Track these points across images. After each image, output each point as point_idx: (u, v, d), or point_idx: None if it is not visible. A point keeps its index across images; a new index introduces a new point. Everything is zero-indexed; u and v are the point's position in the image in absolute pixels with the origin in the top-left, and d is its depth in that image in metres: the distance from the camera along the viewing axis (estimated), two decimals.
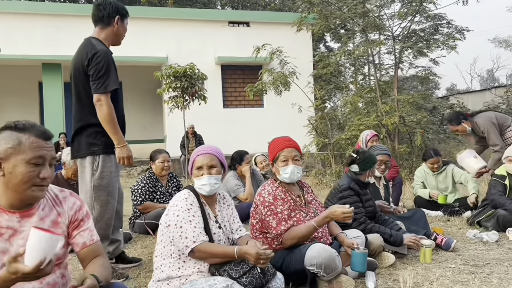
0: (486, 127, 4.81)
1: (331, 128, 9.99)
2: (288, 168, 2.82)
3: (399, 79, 12.17)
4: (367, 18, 8.33)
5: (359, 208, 3.34)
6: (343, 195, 3.40)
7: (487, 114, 4.97)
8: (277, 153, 2.88)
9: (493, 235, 3.88)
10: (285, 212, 2.76)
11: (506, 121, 4.91)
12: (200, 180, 2.44)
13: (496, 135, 4.76)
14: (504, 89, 13.47)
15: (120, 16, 3.06)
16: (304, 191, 2.99)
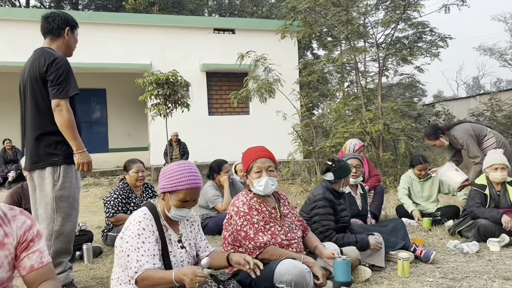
0: (465, 140, 4.77)
1: (316, 136, 9.93)
2: (262, 180, 2.70)
3: (385, 86, 12.20)
4: (350, 25, 8.30)
5: (328, 221, 3.24)
6: (316, 206, 3.32)
7: (463, 126, 4.94)
8: (250, 163, 2.75)
9: (474, 246, 3.81)
10: (260, 223, 2.65)
11: (482, 131, 4.90)
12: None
13: (476, 147, 4.73)
14: (488, 96, 13.55)
15: (70, 28, 3.03)
16: (280, 203, 2.87)
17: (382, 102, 9.06)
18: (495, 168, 4.34)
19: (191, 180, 2.23)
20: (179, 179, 2.22)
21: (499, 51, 33.30)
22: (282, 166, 10.24)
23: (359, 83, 9.34)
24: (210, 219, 4.98)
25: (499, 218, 4.07)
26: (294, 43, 10.17)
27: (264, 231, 2.62)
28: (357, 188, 4.21)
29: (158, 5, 17.06)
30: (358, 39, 9.00)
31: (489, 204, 4.33)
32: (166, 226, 2.33)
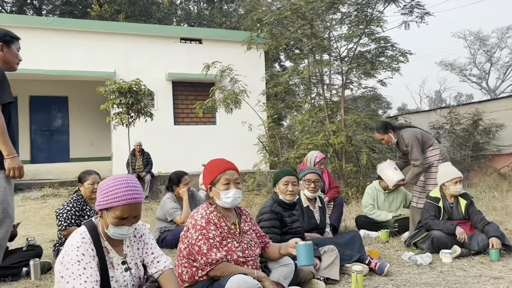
0: (410, 142, 4.80)
1: (281, 147, 10.00)
2: (230, 192, 2.64)
3: (349, 99, 12.44)
4: (314, 39, 8.43)
5: (273, 234, 3.23)
6: (262, 219, 3.32)
7: (413, 129, 5.00)
8: (217, 175, 2.68)
9: (427, 258, 3.89)
10: (217, 239, 2.58)
11: (429, 140, 4.95)
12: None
13: (418, 150, 4.77)
14: (448, 109, 14.02)
15: (4, 43, 2.96)
16: (241, 219, 2.82)
17: (346, 115, 9.22)
18: (455, 182, 4.48)
19: (128, 195, 2.09)
20: (114, 194, 2.09)
21: (459, 66, 34.75)
22: (247, 176, 10.24)
23: (324, 96, 9.47)
24: (168, 232, 4.87)
25: (453, 230, 4.18)
26: (260, 54, 10.23)
27: (219, 247, 2.56)
28: (315, 202, 4.22)
29: (125, 13, 16.82)
30: (323, 53, 9.14)
31: (443, 216, 4.44)
32: (108, 248, 2.20)
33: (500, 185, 10.96)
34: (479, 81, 34.71)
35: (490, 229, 4.17)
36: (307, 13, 8.28)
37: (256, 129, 9.75)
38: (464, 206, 4.50)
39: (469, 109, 13.41)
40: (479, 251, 4.10)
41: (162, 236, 4.93)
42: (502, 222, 5.99)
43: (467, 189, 10.48)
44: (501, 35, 32.50)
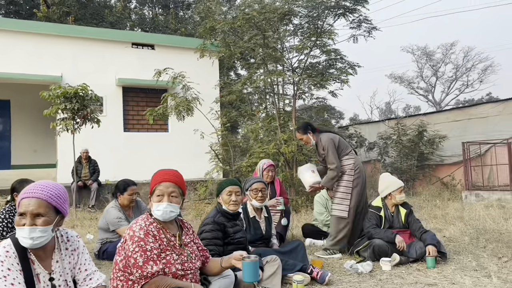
0: (327, 146, 4.82)
1: (235, 155, 9.98)
2: (161, 205, 2.57)
3: (301, 108, 12.66)
4: (266, 49, 8.52)
5: (214, 246, 3.20)
6: (204, 230, 3.27)
7: (332, 134, 5.00)
8: (153, 186, 2.64)
9: (367, 266, 3.98)
10: (154, 251, 2.50)
11: (346, 149, 4.94)
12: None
13: (334, 155, 4.77)
14: (396, 121, 14.58)
15: None
16: (183, 232, 2.75)
17: (296, 124, 9.36)
18: (400, 191, 4.65)
19: (27, 190, 2.07)
20: (20, 194, 2.10)
21: (408, 79, 36.39)
22: (199, 185, 10.13)
23: (276, 105, 9.57)
24: (110, 244, 4.69)
25: (393, 238, 4.31)
26: (213, 62, 10.19)
27: (156, 260, 2.48)
28: (261, 212, 4.22)
29: (74, 15, 16.27)
30: (275, 63, 9.25)
31: (384, 225, 4.58)
32: (33, 259, 2.07)
33: (442, 194, 11.50)
34: (426, 93, 36.50)
35: (427, 237, 4.34)
36: (260, 23, 8.36)
37: (208, 137, 9.67)
38: (404, 215, 4.66)
39: (415, 120, 14.03)
40: (417, 259, 4.25)
41: (103, 248, 4.74)
42: (441, 230, 6.27)
43: (412, 198, 10.94)
44: (446, 51, 34.45)
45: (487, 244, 5.11)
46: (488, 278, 3.59)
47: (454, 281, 3.59)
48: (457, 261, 4.26)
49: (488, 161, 12.19)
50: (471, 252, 4.67)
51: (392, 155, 14.00)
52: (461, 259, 4.36)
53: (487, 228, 6.12)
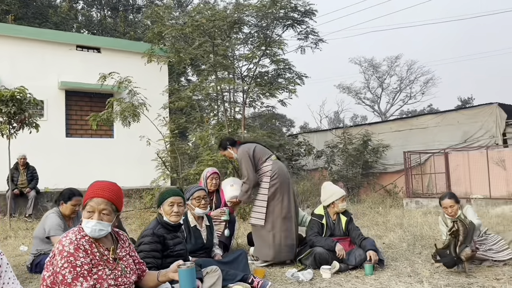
0: (240, 158, 4.73)
1: (182, 163, 9.83)
2: (90, 222, 2.45)
3: (252, 116, 12.74)
4: (215, 56, 8.51)
5: (152, 258, 3.12)
6: (142, 242, 3.18)
7: (247, 145, 4.87)
8: (85, 200, 2.52)
9: (308, 274, 4.03)
10: (85, 267, 2.38)
11: (264, 155, 4.78)
12: None
13: (247, 167, 4.64)
14: (342, 130, 15.04)
15: None
16: (118, 245, 2.65)
17: (247, 132, 9.40)
18: (343, 200, 4.75)
19: None
20: None
21: (355, 90, 37.73)
22: (145, 193, 9.89)
23: (225, 113, 9.56)
24: (44, 256, 4.42)
25: (333, 246, 4.41)
26: (161, 68, 10.02)
27: (86, 276, 2.36)
28: (203, 221, 4.16)
29: (14, 14, 15.43)
30: (224, 70, 9.26)
31: (326, 233, 4.67)
32: None
33: (385, 201, 11.95)
34: (372, 104, 37.99)
35: (367, 243, 4.48)
36: (209, 31, 8.34)
37: (155, 144, 9.47)
38: (344, 223, 4.78)
39: (360, 130, 14.54)
40: (356, 266, 4.36)
41: (36, 260, 4.47)
42: (382, 236, 6.50)
43: (356, 205, 11.28)
44: (391, 63, 36.11)
45: (423, 250, 5.35)
46: (420, 283, 3.75)
47: (389, 287, 3.72)
48: (394, 268, 4.42)
49: (428, 170, 12.86)
50: (407, 258, 4.86)
51: (338, 163, 14.40)
52: (398, 265, 4.53)
53: (424, 235, 6.42)
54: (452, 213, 4.65)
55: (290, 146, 14.75)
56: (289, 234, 4.60)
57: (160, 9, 8.86)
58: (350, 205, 11.22)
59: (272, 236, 4.56)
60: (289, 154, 14.69)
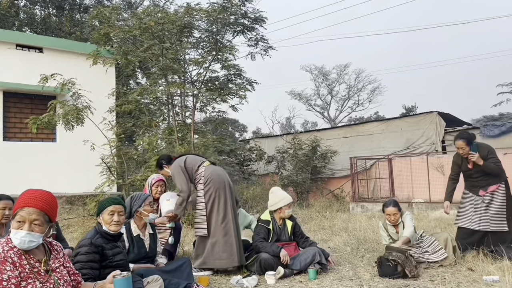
0: (173, 173, 4.68)
1: (128, 168, 9.54)
2: (19, 233, 2.32)
3: (201, 121, 12.63)
4: (164, 60, 8.37)
5: (89, 269, 3.01)
6: (79, 252, 3.05)
7: (179, 159, 4.80)
8: (15, 210, 2.39)
9: (252, 281, 4.03)
10: (12, 281, 2.23)
11: (196, 163, 4.73)
12: None
13: (181, 179, 4.57)
14: (292, 136, 15.27)
15: None
16: (51, 256, 2.50)
17: (198, 137, 9.31)
18: (290, 205, 4.80)
19: None
20: None
21: (306, 97, 38.52)
22: (89, 200, 9.51)
23: (174, 117, 9.41)
24: None
25: (278, 252, 4.44)
26: (106, 70, 9.69)
27: None
28: (146, 229, 4.05)
29: None
30: (173, 74, 9.12)
31: (272, 238, 4.70)
32: None
33: (332, 206, 12.26)
34: (322, 110, 38.94)
35: (311, 248, 4.57)
36: (158, 34, 8.19)
37: (100, 149, 9.13)
38: (290, 227, 4.85)
39: (309, 136, 14.84)
40: (300, 271, 4.42)
41: None
42: (327, 240, 6.65)
43: (305, 210, 11.47)
44: (340, 71, 37.25)
45: (365, 253, 5.53)
46: (361, 287, 3.86)
47: None
48: (337, 272, 4.52)
49: (373, 175, 13.34)
50: (350, 262, 5.00)
51: (288, 168, 14.61)
52: (341, 269, 4.64)
53: (367, 238, 6.64)
54: (394, 220, 4.85)
55: (242, 151, 14.80)
56: (229, 240, 4.47)
57: (106, 10, 8.58)
58: (299, 209, 11.41)
59: (211, 244, 4.47)
60: (240, 159, 14.73)
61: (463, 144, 4.80)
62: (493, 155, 4.83)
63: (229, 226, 4.51)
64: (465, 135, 4.87)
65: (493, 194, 4.85)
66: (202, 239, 4.56)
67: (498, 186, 4.85)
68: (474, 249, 4.72)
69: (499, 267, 4.17)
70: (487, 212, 4.82)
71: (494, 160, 4.80)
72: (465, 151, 4.81)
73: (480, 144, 4.92)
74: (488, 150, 4.85)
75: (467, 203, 5.01)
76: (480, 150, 4.80)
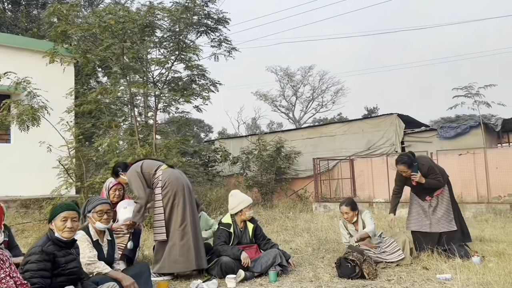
0: (129, 179, 4.57)
1: (87, 170, 9.26)
2: None
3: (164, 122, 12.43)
4: (124, 59, 8.18)
5: (40, 278, 2.89)
6: (29, 260, 2.92)
7: (135, 164, 4.69)
8: None
9: (212, 285, 3.99)
10: None
11: (153, 167, 4.61)
12: None
13: (138, 185, 4.46)
14: (257, 137, 15.31)
15: None
16: None
17: (162, 138, 9.15)
18: (250, 207, 4.79)
19: None
20: None
21: (271, 97, 38.71)
22: (45, 203, 9.17)
23: (135, 118, 9.21)
24: None
25: (239, 255, 4.42)
26: (64, 69, 9.35)
27: None
28: (104, 235, 3.92)
29: None
30: (135, 74, 8.93)
31: (233, 241, 4.68)
32: None
33: (296, 206, 12.38)
34: (287, 111, 39.25)
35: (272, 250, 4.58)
36: (118, 33, 7.99)
37: (58, 150, 8.81)
38: (251, 230, 4.84)
39: (274, 137, 14.92)
40: (261, 273, 4.42)
41: None
42: (289, 241, 6.69)
43: (268, 210, 11.52)
44: (304, 73, 37.69)
45: (326, 254, 5.61)
46: None
47: None
48: (297, 273, 4.55)
49: (336, 175, 13.58)
50: (310, 263, 5.05)
51: (253, 169, 14.63)
52: (301, 270, 4.68)
53: (329, 239, 6.74)
54: (348, 218, 4.98)
55: (206, 152, 14.68)
56: (187, 243, 4.40)
57: (63, 7, 8.29)
58: (263, 210, 11.44)
59: (169, 248, 4.38)
60: (205, 160, 14.61)
61: (404, 168, 5.03)
62: (433, 170, 5.07)
63: (187, 230, 4.43)
64: (405, 159, 5.06)
65: (438, 198, 5.11)
66: (161, 244, 4.47)
67: (442, 190, 5.12)
68: (429, 249, 4.88)
69: (451, 265, 4.33)
70: (435, 214, 5.06)
71: (434, 176, 5.05)
72: (408, 174, 5.05)
73: (420, 161, 5.12)
74: (428, 167, 5.08)
75: (416, 207, 5.24)
76: (421, 168, 5.03)
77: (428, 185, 5.04)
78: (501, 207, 9.15)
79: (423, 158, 5.32)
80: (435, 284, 3.86)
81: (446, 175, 5.25)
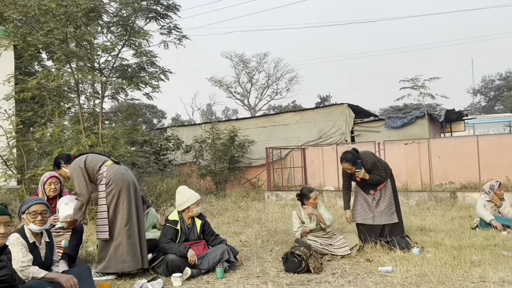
0: (71, 174, 4.36)
1: (27, 160, 8.80)
2: None
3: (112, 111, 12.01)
4: (66, 45, 7.75)
5: None
6: None
7: (78, 158, 4.48)
8: None
9: (157, 284, 3.91)
10: None
11: (97, 163, 4.43)
12: None
13: (80, 181, 4.28)
14: (211, 125, 15.16)
15: None
16: None
17: (109, 127, 8.81)
18: (198, 204, 4.71)
19: None
20: None
21: (226, 84, 38.43)
22: None
23: (80, 106, 8.80)
24: None
25: (186, 252, 4.36)
26: (1, 53, 8.72)
27: None
28: (42, 237, 3.71)
29: None
30: (78, 61, 8.49)
31: (180, 238, 4.60)
32: None
33: (248, 194, 12.43)
34: (242, 98, 39.17)
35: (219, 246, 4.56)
36: (61, 17, 7.54)
37: None
38: (199, 226, 4.78)
39: (228, 125, 14.84)
40: (209, 270, 4.39)
41: None
42: (239, 234, 6.69)
43: (221, 200, 11.49)
44: (260, 60, 37.65)
45: (274, 246, 5.66)
46: (265, 284, 3.92)
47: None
48: (245, 268, 4.55)
49: (288, 164, 13.74)
50: (259, 257, 5.07)
51: (207, 158, 14.51)
52: (249, 265, 4.69)
53: (278, 230, 6.80)
54: (314, 204, 5.09)
55: (158, 140, 14.37)
56: (133, 242, 4.27)
57: None
58: (215, 200, 11.39)
59: (114, 247, 4.24)
60: (156, 148, 14.31)
61: (348, 165, 5.20)
62: (376, 166, 5.25)
63: (133, 229, 4.31)
64: (349, 157, 5.20)
65: (381, 191, 5.30)
66: (105, 242, 4.31)
67: (385, 184, 5.32)
68: (373, 241, 5.05)
69: (392, 257, 4.49)
70: (378, 207, 5.25)
71: (377, 171, 5.23)
72: (352, 171, 5.22)
73: (364, 157, 5.27)
74: (372, 163, 5.25)
75: (360, 200, 5.41)
76: (365, 165, 5.20)
77: (372, 181, 5.21)
78: (442, 195, 9.64)
79: (366, 154, 5.45)
80: (376, 277, 3.99)
81: (389, 169, 5.43)
